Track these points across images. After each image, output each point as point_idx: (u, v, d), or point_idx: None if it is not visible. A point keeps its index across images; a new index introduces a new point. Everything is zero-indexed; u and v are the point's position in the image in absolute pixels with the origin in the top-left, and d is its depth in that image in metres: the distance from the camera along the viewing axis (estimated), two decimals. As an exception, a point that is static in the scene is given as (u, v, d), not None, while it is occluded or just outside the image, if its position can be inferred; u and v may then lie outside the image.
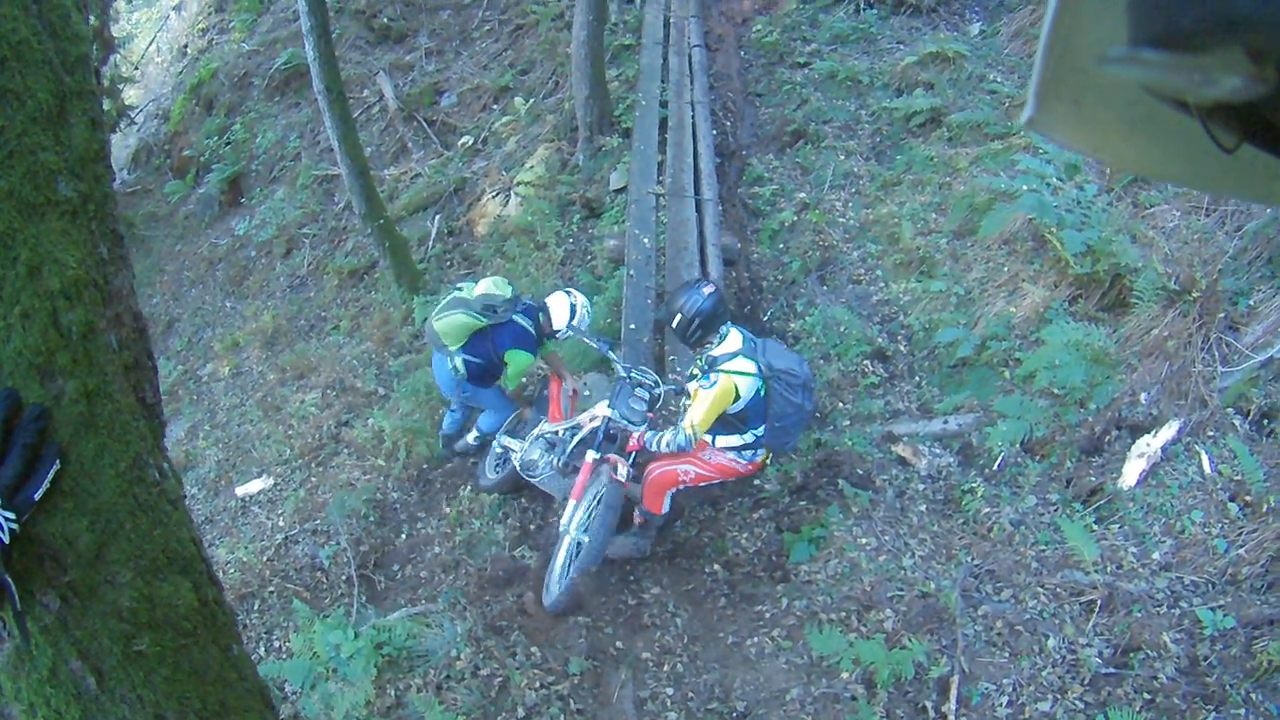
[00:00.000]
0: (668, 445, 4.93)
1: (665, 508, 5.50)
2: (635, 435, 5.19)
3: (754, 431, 5.05)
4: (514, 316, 5.63)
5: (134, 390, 1.69)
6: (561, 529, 5.33)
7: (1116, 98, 0.69)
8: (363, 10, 13.28)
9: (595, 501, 5.31)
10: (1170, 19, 0.55)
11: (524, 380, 6.25)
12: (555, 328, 5.59)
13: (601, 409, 5.29)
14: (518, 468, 5.80)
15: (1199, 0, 0.53)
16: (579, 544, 5.29)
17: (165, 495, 1.71)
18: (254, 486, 7.47)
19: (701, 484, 5.44)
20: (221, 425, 8.84)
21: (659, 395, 5.33)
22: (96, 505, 1.53)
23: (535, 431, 5.68)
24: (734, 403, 4.84)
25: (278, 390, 8.72)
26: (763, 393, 4.88)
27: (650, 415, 5.32)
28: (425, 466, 6.79)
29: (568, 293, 5.65)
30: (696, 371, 5.00)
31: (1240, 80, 0.53)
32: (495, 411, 6.24)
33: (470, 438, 6.55)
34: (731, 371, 4.76)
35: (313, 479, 7.22)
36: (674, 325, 4.85)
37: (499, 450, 6.29)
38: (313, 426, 7.72)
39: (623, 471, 5.21)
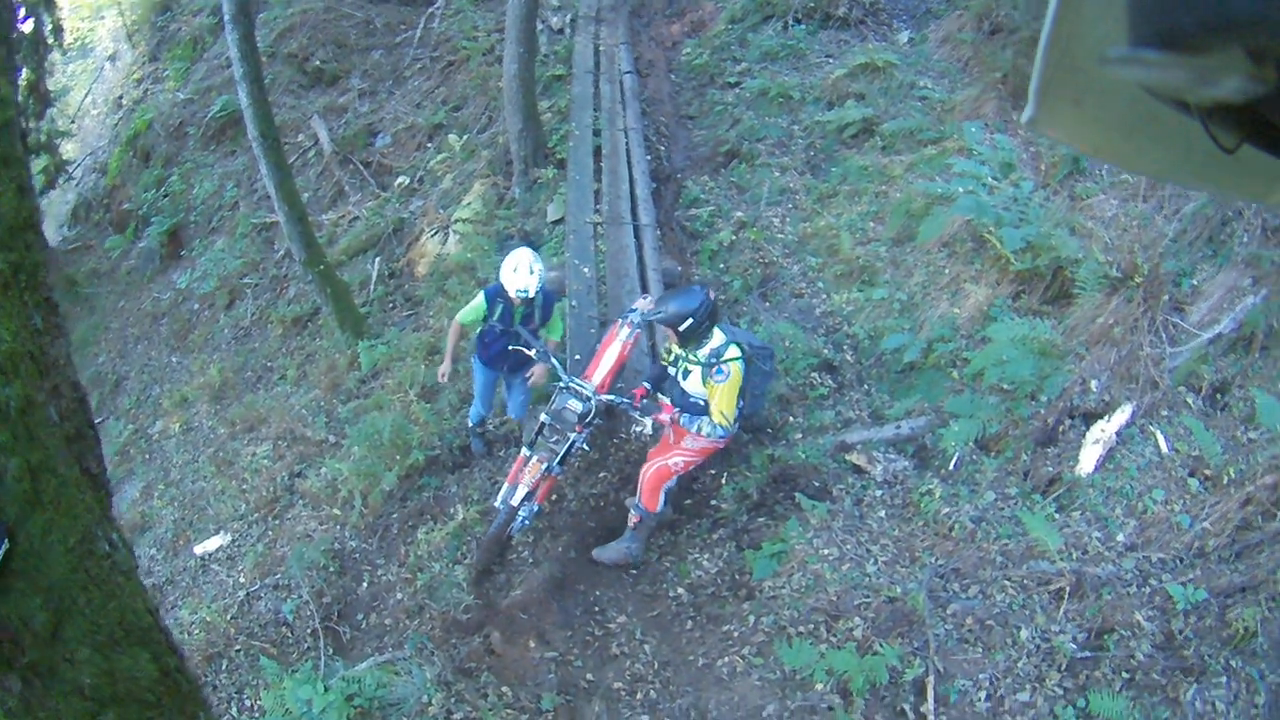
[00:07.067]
0: (707, 435, 5.36)
1: (661, 504, 5.70)
2: (671, 414, 5.49)
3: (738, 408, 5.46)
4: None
5: (78, 462, 1.68)
6: (495, 504, 5.86)
7: (1117, 98, 0.70)
8: (295, 54, 13.21)
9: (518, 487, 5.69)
10: (1170, 19, 0.55)
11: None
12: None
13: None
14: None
15: (1199, 0, 0.53)
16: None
17: (116, 567, 1.71)
18: (212, 544, 7.34)
19: (691, 468, 5.76)
20: (175, 483, 8.69)
21: (591, 409, 5.55)
22: (49, 583, 1.52)
23: (564, 384, 5.70)
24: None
25: (229, 444, 8.58)
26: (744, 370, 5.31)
27: (579, 428, 5.56)
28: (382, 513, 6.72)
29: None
30: (690, 368, 5.37)
31: (1240, 80, 0.54)
32: (476, 401, 6.65)
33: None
34: (732, 359, 5.21)
35: (270, 532, 7.12)
36: (684, 328, 5.18)
37: None
38: (266, 479, 7.61)
39: (519, 495, 5.62)
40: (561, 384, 5.60)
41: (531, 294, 5.80)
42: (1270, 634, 4.65)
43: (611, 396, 5.67)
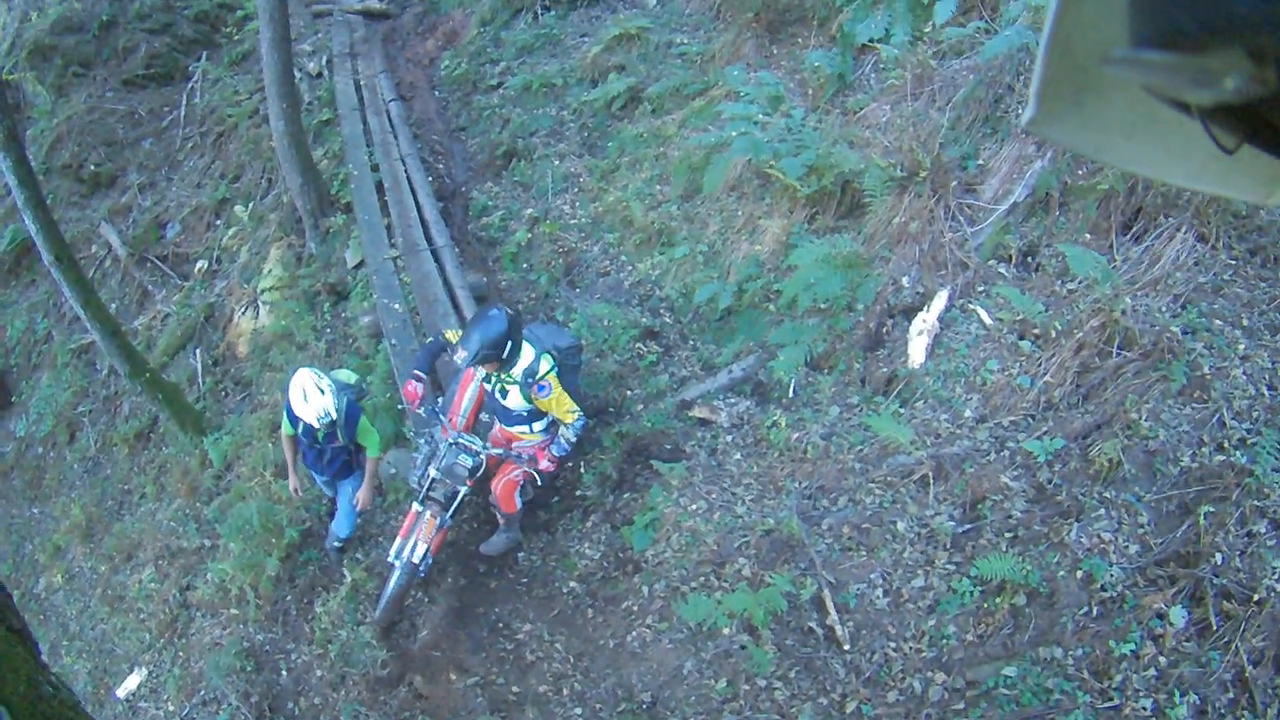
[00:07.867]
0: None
1: (518, 504, 5.89)
2: (545, 459, 5.59)
3: None
4: None
5: (2, 623, 1.77)
6: (389, 559, 5.75)
7: (1117, 98, 0.71)
8: (69, 164, 12.56)
9: (413, 542, 5.65)
10: (1171, 20, 0.56)
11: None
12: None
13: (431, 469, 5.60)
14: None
15: (1199, 1, 0.54)
16: (395, 570, 5.71)
17: (65, 704, 1.80)
18: (132, 682, 7.19)
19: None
20: (76, 635, 8.42)
21: (481, 463, 5.58)
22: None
23: (453, 440, 5.62)
24: None
25: (113, 580, 8.30)
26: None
27: (470, 483, 5.60)
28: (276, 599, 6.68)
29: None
30: (508, 387, 5.41)
31: (1240, 81, 0.53)
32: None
33: None
34: (546, 373, 5.27)
35: (181, 653, 6.99)
36: (504, 354, 5.09)
37: None
38: (159, 603, 7.43)
39: (420, 552, 5.61)
40: (450, 440, 5.56)
41: (333, 415, 5.45)
42: (1134, 458, 4.98)
43: (501, 450, 5.69)
